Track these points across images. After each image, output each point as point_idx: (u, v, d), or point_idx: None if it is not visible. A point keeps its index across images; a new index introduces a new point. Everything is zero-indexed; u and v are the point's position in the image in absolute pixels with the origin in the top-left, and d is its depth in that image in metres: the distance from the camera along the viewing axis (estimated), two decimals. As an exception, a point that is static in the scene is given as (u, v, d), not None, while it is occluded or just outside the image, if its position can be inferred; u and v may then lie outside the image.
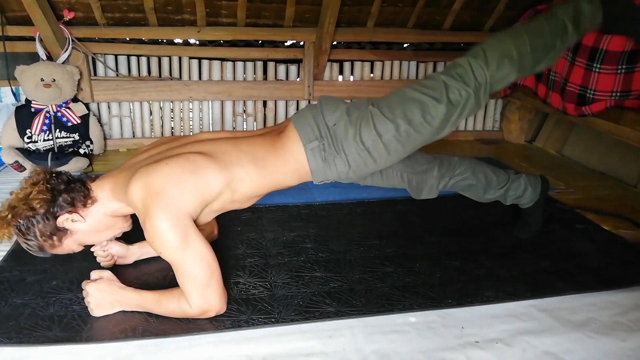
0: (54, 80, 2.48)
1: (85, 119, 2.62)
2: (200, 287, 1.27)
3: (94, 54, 2.75)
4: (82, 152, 2.59)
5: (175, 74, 2.91)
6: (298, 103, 3.10)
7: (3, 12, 2.50)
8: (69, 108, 2.58)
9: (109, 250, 1.53)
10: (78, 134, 2.59)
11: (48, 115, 2.52)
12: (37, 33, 2.49)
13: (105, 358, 1.19)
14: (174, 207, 1.24)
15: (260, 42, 2.96)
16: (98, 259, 1.53)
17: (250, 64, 3.01)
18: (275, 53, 2.98)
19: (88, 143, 2.63)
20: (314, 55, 2.92)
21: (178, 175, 1.27)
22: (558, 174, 2.56)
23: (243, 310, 1.36)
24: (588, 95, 2.27)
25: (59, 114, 2.55)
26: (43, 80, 2.46)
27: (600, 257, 1.72)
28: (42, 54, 2.56)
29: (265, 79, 3.07)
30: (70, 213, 1.30)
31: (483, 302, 1.44)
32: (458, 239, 1.83)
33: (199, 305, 1.27)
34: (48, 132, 2.51)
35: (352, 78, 3.15)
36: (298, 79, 3.07)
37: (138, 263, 1.60)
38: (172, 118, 3.00)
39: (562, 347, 1.26)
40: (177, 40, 2.89)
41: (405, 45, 3.16)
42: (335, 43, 2.94)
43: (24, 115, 2.50)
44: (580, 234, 1.88)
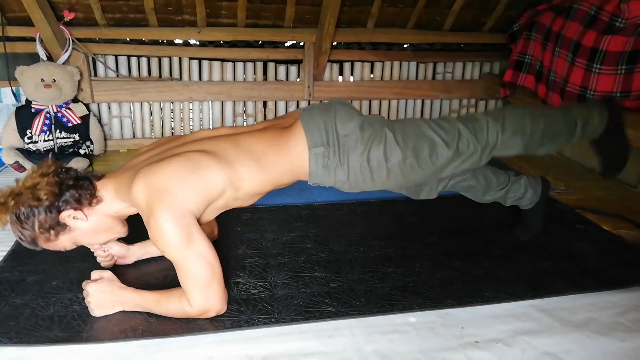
0: (54, 81, 2.48)
1: (86, 120, 2.63)
2: (202, 286, 1.27)
3: (94, 55, 2.76)
4: (82, 152, 2.59)
5: (176, 75, 2.92)
6: (298, 103, 3.10)
7: (3, 12, 2.51)
8: (69, 108, 2.58)
9: (110, 251, 1.53)
10: (78, 135, 2.59)
11: (48, 116, 2.52)
12: (37, 33, 2.50)
13: (106, 358, 1.19)
14: (178, 205, 1.25)
15: (260, 42, 2.97)
16: (98, 259, 1.54)
17: (250, 65, 3.01)
18: (275, 53, 2.98)
19: (88, 143, 2.63)
20: (314, 56, 2.93)
21: (180, 174, 1.28)
22: (558, 174, 2.56)
23: (243, 311, 1.36)
24: (588, 96, 2.27)
25: (59, 115, 2.55)
26: (43, 81, 2.46)
27: (600, 257, 1.72)
28: (42, 55, 2.56)
29: (265, 80, 3.07)
30: (75, 210, 1.30)
31: (483, 302, 1.44)
32: (458, 240, 1.84)
33: (200, 305, 1.27)
34: (48, 132, 2.52)
35: (352, 79, 3.15)
36: (298, 80, 3.07)
37: (138, 263, 1.61)
38: (172, 118, 3.01)
39: (561, 347, 1.27)
40: (177, 41, 2.89)
41: (405, 46, 3.16)
42: (335, 43, 2.94)
43: (24, 116, 2.51)
44: (580, 235, 1.88)
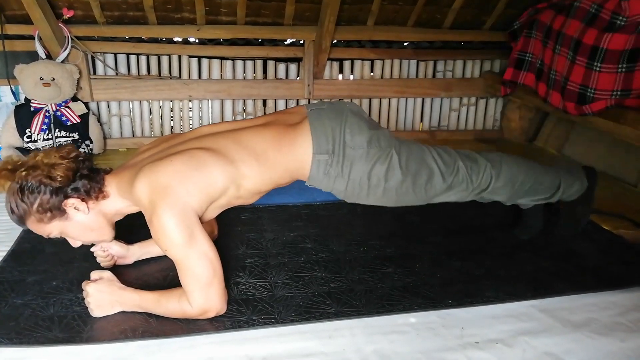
0: (54, 79, 2.48)
1: (85, 118, 2.62)
2: (203, 286, 1.27)
3: (94, 53, 2.75)
4: (81, 151, 2.58)
5: (175, 73, 2.91)
6: (298, 102, 3.09)
7: (2, 10, 2.50)
8: (69, 107, 2.58)
9: (109, 251, 1.53)
10: (77, 133, 2.58)
11: (47, 115, 2.52)
12: (36, 32, 2.48)
13: (106, 358, 1.19)
14: (180, 204, 1.24)
15: (260, 40, 2.95)
16: (98, 259, 1.53)
17: (250, 63, 3.00)
18: (275, 51, 2.97)
19: (88, 142, 2.62)
20: (314, 54, 2.92)
21: (183, 172, 1.27)
22: (558, 173, 2.56)
23: (243, 311, 1.36)
24: (588, 94, 2.27)
25: (59, 113, 2.54)
26: (42, 79, 2.45)
27: (600, 257, 1.72)
28: (41, 53, 2.55)
29: (265, 78, 3.06)
30: (81, 200, 1.30)
31: (483, 302, 1.44)
32: (458, 239, 1.83)
33: (200, 305, 1.27)
34: (47, 131, 2.51)
35: (352, 77, 3.13)
36: (298, 78, 3.06)
37: (138, 263, 1.60)
38: (171, 117, 3.00)
39: (562, 347, 1.27)
40: (176, 39, 2.88)
41: (406, 44, 3.15)
42: (335, 41, 2.93)
43: (24, 115, 2.50)
44: (580, 234, 1.88)
